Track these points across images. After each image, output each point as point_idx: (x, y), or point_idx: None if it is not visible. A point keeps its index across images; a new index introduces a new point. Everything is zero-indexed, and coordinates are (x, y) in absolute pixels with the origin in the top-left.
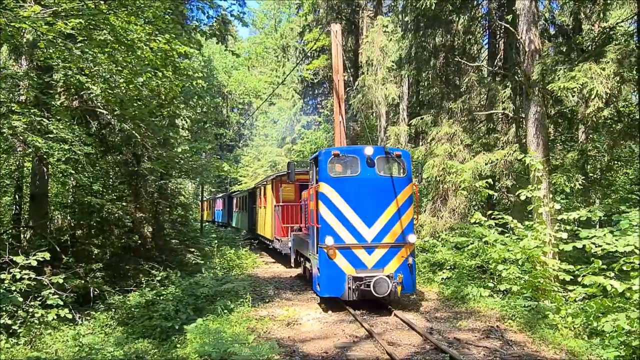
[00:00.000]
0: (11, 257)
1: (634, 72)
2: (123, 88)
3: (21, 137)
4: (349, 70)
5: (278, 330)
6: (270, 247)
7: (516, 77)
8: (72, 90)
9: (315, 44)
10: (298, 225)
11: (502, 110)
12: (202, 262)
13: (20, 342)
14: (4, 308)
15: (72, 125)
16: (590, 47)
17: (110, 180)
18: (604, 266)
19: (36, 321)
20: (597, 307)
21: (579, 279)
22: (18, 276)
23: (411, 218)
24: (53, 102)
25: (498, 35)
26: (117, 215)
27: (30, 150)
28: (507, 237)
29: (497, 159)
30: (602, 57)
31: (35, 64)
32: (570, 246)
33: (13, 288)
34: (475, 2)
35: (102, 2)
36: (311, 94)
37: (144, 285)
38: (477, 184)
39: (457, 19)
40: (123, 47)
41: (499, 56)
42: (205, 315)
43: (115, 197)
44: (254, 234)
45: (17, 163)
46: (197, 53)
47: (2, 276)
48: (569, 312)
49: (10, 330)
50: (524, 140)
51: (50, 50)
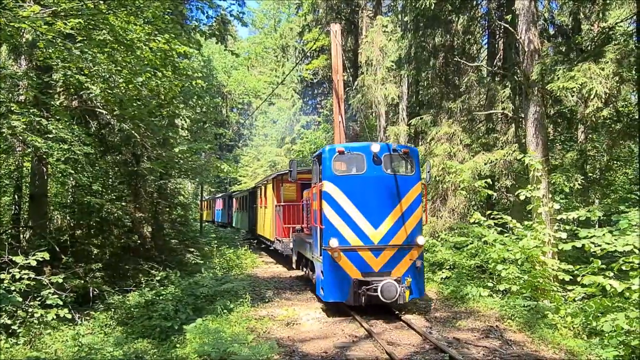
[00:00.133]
0: (10, 257)
1: (633, 72)
2: (122, 88)
3: (20, 137)
4: (348, 70)
5: (277, 330)
6: (271, 248)
7: (515, 77)
8: (72, 90)
9: (314, 43)
10: (300, 225)
11: (501, 110)
12: (201, 262)
13: (19, 342)
14: (4, 308)
15: (72, 125)
16: (589, 47)
17: (110, 180)
18: (603, 266)
19: (35, 321)
20: (597, 307)
21: (579, 278)
22: (17, 276)
23: (420, 218)
24: (52, 102)
25: (497, 35)
26: (116, 215)
27: (29, 150)
28: (506, 237)
29: (497, 159)
30: (602, 57)
31: (35, 64)
32: (569, 245)
33: (12, 288)
34: (475, 2)
35: (101, 2)
36: (311, 93)
37: (144, 285)
38: (477, 184)
39: (457, 18)
40: (122, 47)
41: (498, 56)
42: (205, 315)
43: (114, 197)
44: (254, 234)
45: (16, 163)
46: (197, 53)
47: (2, 276)
48: (568, 312)
49: (10, 330)
50: (524, 140)
51: (50, 50)
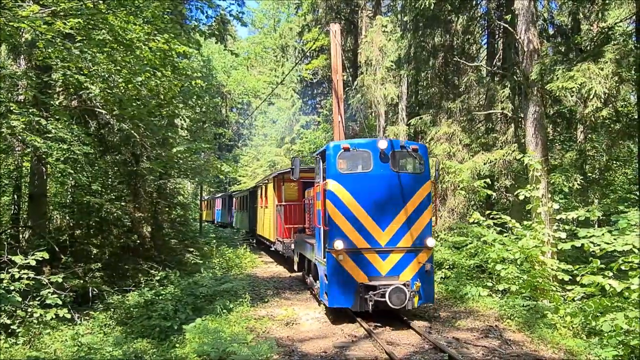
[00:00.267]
0: (10, 256)
1: (633, 72)
2: (122, 88)
3: (20, 137)
4: (348, 70)
5: (277, 329)
6: (272, 249)
7: (515, 77)
8: (71, 89)
9: (314, 43)
10: (301, 225)
11: (500, 110)
12: (201, 262)
13: (19, 342)
14: (3, 308)
15: (71, 125)
16: (588, 47)
17: (109, 180)
18: (603, 266)
19: (35, 321)
20: (596, 307)
21: (578, 278)
22: (17, 276)
23: (429, 219)
24: (52, 102)
25: (497, 35)
26: (116, 215)
27: (29, 150)
28: (505, 236)
29: (496, 159)
30: (601, 57)
31: (34, 64)
32: (568, 245)
33: (12, 288)
34: (474, 2)
35: (100, 2)
36: (310, 93)
37: (143, 285)
38: (476, 184)
39: (456, 18)
40: (122, 47)
41: (497, 56)
42: (204, 315)
43: (114, 197)
44: (254, 235)
45: (15, 163)
46: (196, 53)
47: (1, 276)
48: (568, 312)
49: (9, 330)
50: (523, 140)
51: (49, 50)
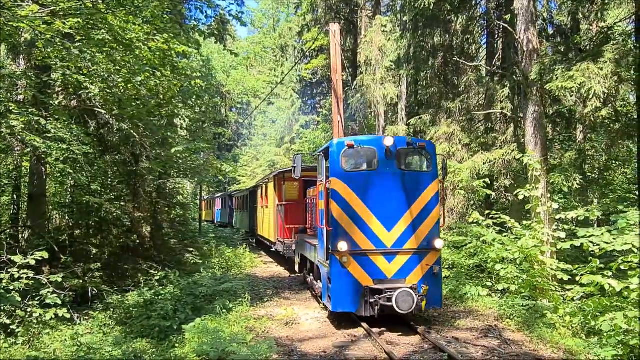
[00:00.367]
0: (9, 256)
1: (632, 72)
2: (121, 87)
3: (19, 137)
4: (347, 70)
5: (276, 329)
6: (273, 249)
7: (514, 76)
8: (70, 89)
9: (313, 43)
10: (303, 226)
11: (500, 110)
12: (200, 261)
13: (18, 342)
14: (3, 307)
15: (71, 125)
16: (588, 47)
17: (109, 179)
18: (602, 265)
19: (34, 321)
20: (595, 306)
21: (577, 278)
22: (16, 275)
23: (437, 220)
24: (51, 102)
25: (496, 35)
26: (115, 214)
27: (28, 149)
28: (505, 236)
29: (496, 159)
30: (600, 56)
31: (33, 64)
32: (568, 244)
33: (11, 287)
34: (474, 2)
35: (100, 2)
36: (310, 93)
37: (143, 285)
38: (475, 184)
39: (456, 18)
40: (121, 47)
41: (497, 56)
42: (204, 314)
43: (113, 197)
44: (254, 235)
45: (15, 163)
46: (196, 53)
47: (1, 276)
48: (567, 311)
49: (9, 330)
50: (522, 139)
51: (49, 50)
